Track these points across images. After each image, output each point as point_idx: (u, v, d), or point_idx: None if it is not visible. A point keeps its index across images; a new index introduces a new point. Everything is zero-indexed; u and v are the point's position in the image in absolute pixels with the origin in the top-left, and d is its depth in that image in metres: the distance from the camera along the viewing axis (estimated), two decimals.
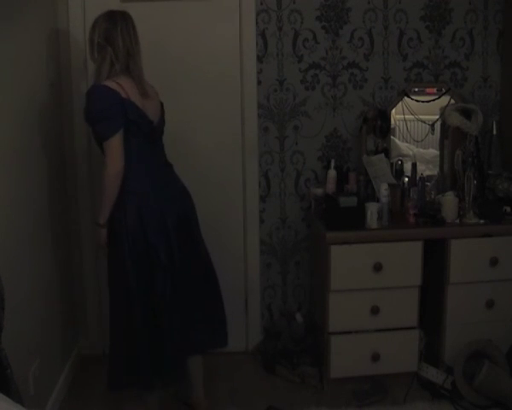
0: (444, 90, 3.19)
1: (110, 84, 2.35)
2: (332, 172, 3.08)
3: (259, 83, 3.18)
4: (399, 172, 3.13)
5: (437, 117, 3.19)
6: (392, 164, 3.14)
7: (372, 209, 2.80)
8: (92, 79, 2.46)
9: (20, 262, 2.41)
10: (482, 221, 2.85)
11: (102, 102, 2.34)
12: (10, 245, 2.29)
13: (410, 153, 3.30)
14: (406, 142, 3.33)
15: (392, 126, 3.20)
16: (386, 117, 3.12)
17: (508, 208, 2.90)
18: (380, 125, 3.09)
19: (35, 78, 2.69)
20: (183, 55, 3.16)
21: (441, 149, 3.23)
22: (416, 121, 3.25)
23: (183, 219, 2.52)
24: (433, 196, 3.00)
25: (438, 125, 3.21)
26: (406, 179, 3.07)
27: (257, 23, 3.13)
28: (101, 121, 2.34)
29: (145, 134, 2.44)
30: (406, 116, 3.23)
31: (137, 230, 2.39)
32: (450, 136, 3.11)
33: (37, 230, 2.66)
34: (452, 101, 3.17)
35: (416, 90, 3.21)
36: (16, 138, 2.42)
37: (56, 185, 3.00)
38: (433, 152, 3.31)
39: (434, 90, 3.21)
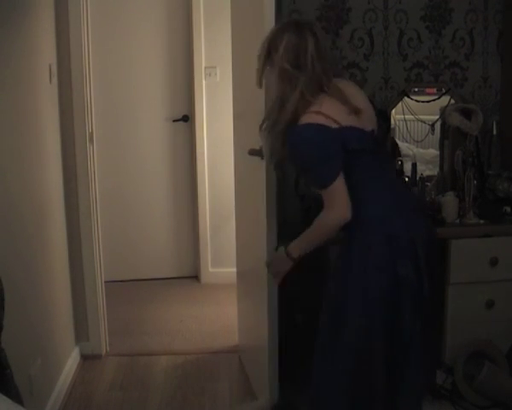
0: (444, 90, 3.19)
1: (313, 119, 1.96)
2: None
3: None
4: (399, 172, 3.13)
5: (437, 117, 3.19)
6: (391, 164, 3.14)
7: None
8: (271, 110, 2.07)
9: (20, 262, 2.41)
10: (482, 221, 2.85)
11: (316, 148, 1.96)
12: (10, 245, 2.29)
13: (410, 153, 3.29)
14: (406, 142, 3.32)
15: (392, 126, 3.20)
16: (386, 117, 3.11)
17: (508, 208, 2.90)
18: (380, 125, 3.08)
19: (35, 77, 2.69)
20: None
21: (441, 149, 3.22)
22: (416, 121, 3.25)
23: (428, 244, 2.12)
24: (433, 196, 3.00)
25: (438, 125, 3.21)
26: (406, 179, 3.07)
27: None
28: (318, 168, 1.98)
29: (371, 152, 2.08)
30: (406, 116, 3.22)
31: (385, 260, 2.00)
32: (450, 136, 3.11)
33: (37, 230, 2.65)
34: (452, 101, 3.17)
35: (416, 90, 3.20)
36: (16, 138, 2.42)
37: (56, 185, 3.01)
38: (433, 152, 3.31)
39: (434, 90, 3.20)
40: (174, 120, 4.31)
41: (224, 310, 3.81)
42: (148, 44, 4.23)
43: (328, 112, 1.97)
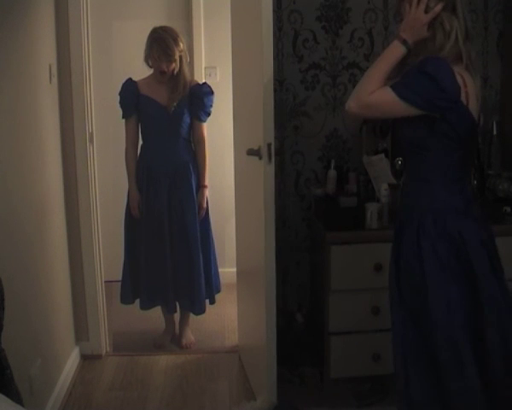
0: None
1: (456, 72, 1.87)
2: (332, 173, 3.08)
3: None
4: (399, 173, 3.12)
5: None
6: (392, 164, 3.13)
7: (372, 209, 2.80)
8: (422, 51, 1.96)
9: (20, 262, 2.41)
10: None
11: (439, 75, 1.85)
12: (10, 245, 2.29)
13: None
14: None
15: None
16: None
17: (508, 209, 2.89)
18: (380, 125, 3.09)
19: (35, 77, 2.69)
20: None
21: None
22: None
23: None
24: None
25: None
26: None
27: None
28: (421, 87, 1.85)
29: (468, 144, 2.04)
30: None
31: (481, 255, 2.04)
32: None
33: (37, 230, 2.66)
34: None
35: None
36: (16, 138, 2.42)
37: (56, 185, 3.01)
38: None
39: None
40: None
41: (224, 310, 3.82)
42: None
43: (461, 74, 1.90)
